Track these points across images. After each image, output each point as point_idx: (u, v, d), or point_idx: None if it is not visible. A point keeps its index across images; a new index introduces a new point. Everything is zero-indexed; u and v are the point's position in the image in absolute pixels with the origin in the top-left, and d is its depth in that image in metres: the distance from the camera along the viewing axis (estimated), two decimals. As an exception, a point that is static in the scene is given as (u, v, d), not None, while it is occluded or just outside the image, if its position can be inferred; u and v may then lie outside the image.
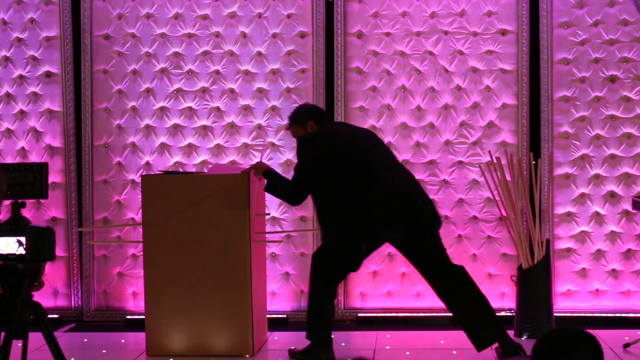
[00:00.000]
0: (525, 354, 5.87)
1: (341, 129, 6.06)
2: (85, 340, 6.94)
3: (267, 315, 6.85)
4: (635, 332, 6.55)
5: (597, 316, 7.20)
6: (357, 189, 5.76)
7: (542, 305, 6.75)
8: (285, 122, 7.45)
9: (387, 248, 6.59)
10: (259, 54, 7.51)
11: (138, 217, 7.39)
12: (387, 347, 6.49)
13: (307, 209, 7.41)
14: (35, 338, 4.51)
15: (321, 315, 5.96)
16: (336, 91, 7.41)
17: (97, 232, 7.68)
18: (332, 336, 6.00)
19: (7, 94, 7.65)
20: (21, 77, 7.65)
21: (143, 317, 6.46)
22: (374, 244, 5.92)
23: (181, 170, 7.41)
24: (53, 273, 7.57)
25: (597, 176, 7.28)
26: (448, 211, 7.39)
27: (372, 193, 5.73)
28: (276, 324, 7.15)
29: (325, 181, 5.82)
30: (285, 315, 7.39)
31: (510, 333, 6.42)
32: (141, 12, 7.58)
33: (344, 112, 7.40)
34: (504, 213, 7.03)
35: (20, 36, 7.65)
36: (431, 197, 7.28)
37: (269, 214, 7.31)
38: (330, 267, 5.89)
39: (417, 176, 7.29)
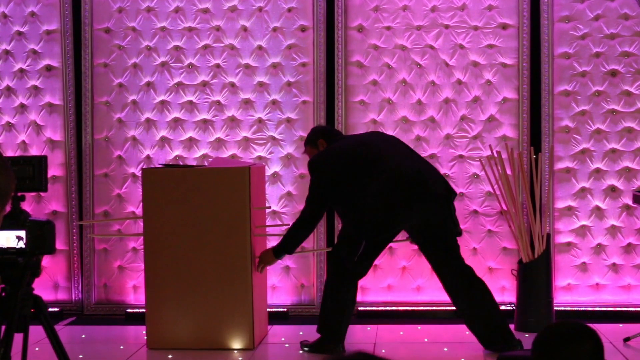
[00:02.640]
0: (523, 349, 5.88)
1: (343, 143, 6.21)
2: (84, 335, 6.95)
3: (268, 309, 6.86)
4: (636, 326, 6.54)
5: (597, 310, 7.20)
6: (364, 183, 5.91)
7: (543, 299, 6.76)
8: (286, 115, 7.47)
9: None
10: (260, 47, 7.50)
11: (139, 211, 7.39)
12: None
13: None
14: (36, 331, 4.52)
15: (343, 311, 6.05)
16: (337, 85, 7.41)
17: (98, 226, 7.68)
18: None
19: (8, 88, 7.65)
20: (21, 70, 7.65)
21: (143, 310, 6.47)
22: (388, 233, 5.99)
23: (181, 163, 7.41)
24: (53, 266, 7.58)
25: (597, 170, 7.28)
26: (448, 205, 7.38)
27: (377, 182, 5.87)
28: (276, 318, 7.16)
29: (337, 193, 6.03)
30: (285, 309, 7.39)
31: (511, 327, 6.44)
32: (141, 5, 7.57)
33: (344, 106, 7.40)
34: (504, 207, 7.03)
35: (21, 30, 7.64)
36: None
37: (269, 207, 7.31)
38: (351, 261, 6.00)
39: (418, 170, 7.31)
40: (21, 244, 4.19)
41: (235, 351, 6.18)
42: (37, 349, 5.91)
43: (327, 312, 6.08)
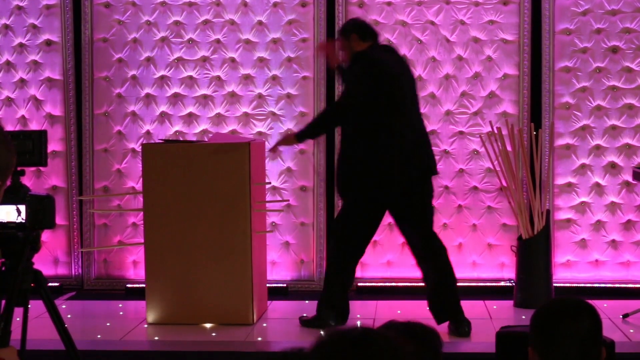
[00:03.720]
0: (469, 329, 5.89)
1: (390, 58, 6.00)
2: (84, 309, 6.96)
3: (267, 285, 6.87)
4: (635, 302, 6.56)
5: (596, 287, 7.21)
6: (388, 125, 5.82)
7: (542, 275, 6.77)
8: (286, 91, 7.45)
9: (387, 218, 6.60)
10: (260, 23, 7.48)
11: (138, 186, 7.38)
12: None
13: (308, 178, 7.41)
14: (36, 306, 4.53)
15: (345, 289, 6.12)
16: (337, 60, 7.38)
17: (98, 201, 7.69)
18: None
19: (7, 62, 7.63)
20: (21, 45, 7.63)
21: (143, 285, 6.48)
22: (393, 190, 5.92)
23: (181, 139, 7.41)
24: (53, 241, 7.58)
25: (597, 147, 7.28)
26: (448, 181, 7.39)
27: (397, 136, 5.82)
28: (276, 293, 7.17)
29: (368, 103, 5.81)
30: (285, 285, 7.41)
31: (510, 303, 6.47)
32: (141, -20, 7.55)
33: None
34: (504, 183, 7.03)
35: (20, 4, 7.62)
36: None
37: (269, 182, 7.31)
38: (355, 231, 6.05)
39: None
40: (20, 219, 4.19)
41: (235, 326, 6.19)
42: (37, 323, 5.92)
43: (331, 291, 6.09)
